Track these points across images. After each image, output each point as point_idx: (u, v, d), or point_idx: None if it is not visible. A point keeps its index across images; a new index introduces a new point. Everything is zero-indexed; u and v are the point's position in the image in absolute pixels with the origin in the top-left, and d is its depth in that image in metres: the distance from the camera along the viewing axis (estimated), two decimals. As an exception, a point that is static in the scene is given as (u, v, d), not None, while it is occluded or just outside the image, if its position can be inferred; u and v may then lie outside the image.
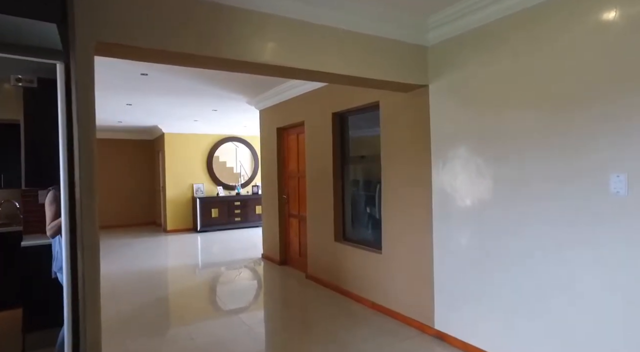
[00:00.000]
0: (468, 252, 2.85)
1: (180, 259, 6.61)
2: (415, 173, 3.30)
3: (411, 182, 3.34)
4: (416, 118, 3.26)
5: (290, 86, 5.03)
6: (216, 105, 6.60)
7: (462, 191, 2.88)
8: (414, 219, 3.33)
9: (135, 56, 2.10)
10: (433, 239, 3.13)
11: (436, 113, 3.06)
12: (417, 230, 3.30)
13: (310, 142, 4.89)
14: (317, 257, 4.78)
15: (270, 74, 2.68)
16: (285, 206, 5.76)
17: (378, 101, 3.69)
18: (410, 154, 3.34)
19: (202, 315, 3.89)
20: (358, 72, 2.73)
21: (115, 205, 9.93)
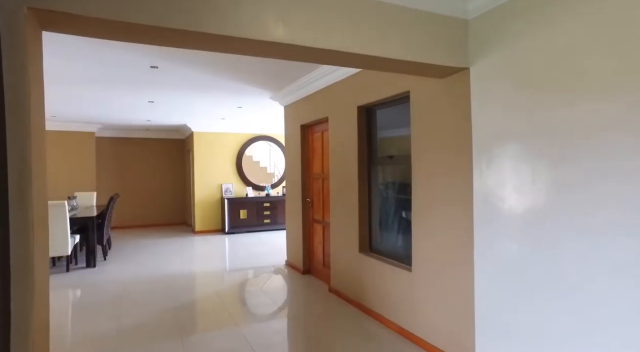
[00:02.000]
0: (520, 273, 2.23)
1: (204, 263, 6.32)
2: (452, 176, 2.70)
3: (447, 186, 2.75)
4: (454, 109, 2.67)
5: (313, 78, 4.55)
6: (240, 102, 6.26)
7: (512, 199, 2.26)
8: (450, 231, 2.74)
9: (91, 31, 1.71)
10: (474, 256, 2.53)
11: (479, 102, 2.46)
12: (453, 245, 2.71)
13: (334, 140, 4.39)
14: (340, 269, 4.27)
15: (270, 54, 2.21)
16: (309, 211, 5.30)
17: (408, 91, 3.13)
18: (446, 152, 2.75)
19: (214, 325, 3.51)
20: (380, 51, 2.20)
21: (148, 205, 9.94)
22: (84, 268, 5.70)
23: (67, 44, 3.39)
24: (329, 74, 4.24)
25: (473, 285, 2.55)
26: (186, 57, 3.85)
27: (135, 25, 1.66)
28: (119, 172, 9.68)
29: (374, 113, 3.85)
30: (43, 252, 1.62)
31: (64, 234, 5.34)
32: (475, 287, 2.53)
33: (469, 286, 2.58)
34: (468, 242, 2.58)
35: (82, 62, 3.93)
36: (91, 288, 4.90)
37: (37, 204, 1.56)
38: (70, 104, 6.20)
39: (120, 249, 7.14)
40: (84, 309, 4.20)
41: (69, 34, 1.75)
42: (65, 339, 3.41)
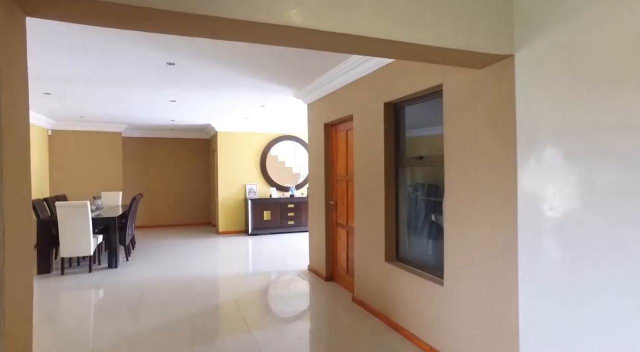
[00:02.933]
0: (576, 294, 1.88)
1: (225, 266, 6.18)
2: (491, 177, 2.37)
3: (486, 189, 2.41)
4: (494, 103, 2.33)
5: (337, 74, 4.27)
6: (262, 100, 6.06)
7: (566, 204, 1.91)
8: (489, 239, 2.40)
9: (79, 13, 1.51)
10: (519, 271, 2.18)
11: (526, 95, 2.11)
12: (493, 255, 2.37)
13: (359, 139, 4.10)
14: (365, 277, 3.97)
15: (288, 42, 1.95)
16: (332, 214, 5.03)
17: (441, 84, 2.80)
18: (484, 151, 2.42)
19: (228, 335, 3.31)
20: (409, 36, 1.90)
21: (173, 204, 9.96)
22: (106, 269, 5.66)
23: (80, 40, 3.27)
24: (353, 69, 3.96)
25: (518, 306, 2.20)
26: (203, 53, 3.67)
27: (135, 9, 1.44)
28: (144, 172, 9.74)
29: (402, 110, 3.53)
30: (21, 268, 1.43)
31: (86, 234, 5.30)
32: (521, 309, 2.19)
33: (511, 302, 2.24)
34: (510, 252, 2.23)
35: (98, 58, 3.82)
36: (110, 290, 4.82)
37: (10, 211, 1.36)
38: (95, 104, 6.20)
39: (144, 249, 7.12)
40: (99, 312, 4.10)
41: (56, 20, 1.56)
42: (69, 344, 3.29)
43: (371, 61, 3.64)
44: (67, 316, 4.10)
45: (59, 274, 5.39)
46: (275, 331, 3.52)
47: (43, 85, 5.00)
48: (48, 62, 3.93)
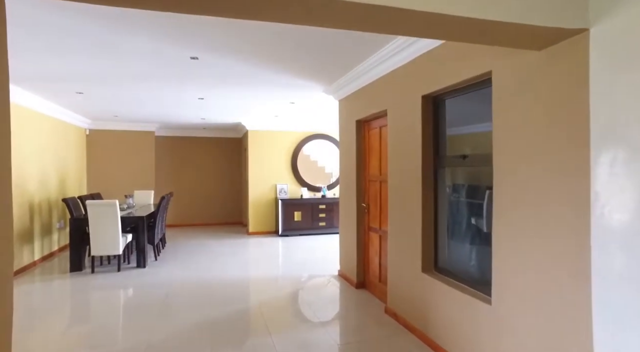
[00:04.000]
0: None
1: (253, 268, 6.00)
2: (555, 181, 1.97)
3: (548, 195, 2.02)
4: (558, 92, 1.94)
5: (370, 66, 3.95)
6: (292, 97, 5.83)
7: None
8: (551, 256, 2.01)
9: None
10: (593, 295, 1.79)
11: (603, 80, 1.71)
12: (556, 276, 1.97)
13: (393, 136, 3.75)
14: (399, 287, 3.63)
15: (324, 19, 1.67)
16: (364, 217, 4.70)
17: (489, 72, 2.42)
18: (545, 150, 2.02)
19: (249, 346, 3.09)
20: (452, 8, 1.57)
21: (205, 203, 9.97)
22: (135, 268, 5.62)
23: (100, 35, 3.15)
24: (387, 59, 3.62)
25: (590, 332, 1.80)
26: (226, 47, 3.47)
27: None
28: (176, 171, 9.80)
29: (441, 104, 3.16)
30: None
31: (115, 233, 5.27)
32: (595, 337, 1.79)
33: (580, 332, 1.84)
34: (580, 270, 1.83)
35: (121, 54, 3.70)
36: (135, 291, 4.75)
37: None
38: (126, 103, 6.20)
39: (174, 248, 7.08)
40: (122, 313, 4.00)
41: None
42: (80, 346, 3.17)
43: (407, 50, 3.29)
44: (90, 316, 4.03)
45: (90, 272, 5.39)
46: (300, 342, 3.25)
47: (74, 85, 5.00)
48: (76, 61, 3.87)
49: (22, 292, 4.68)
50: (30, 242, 5.84)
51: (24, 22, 2.92)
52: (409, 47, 3.25)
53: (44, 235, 6.28)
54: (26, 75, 4.57)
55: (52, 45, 3.46)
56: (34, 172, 5.95)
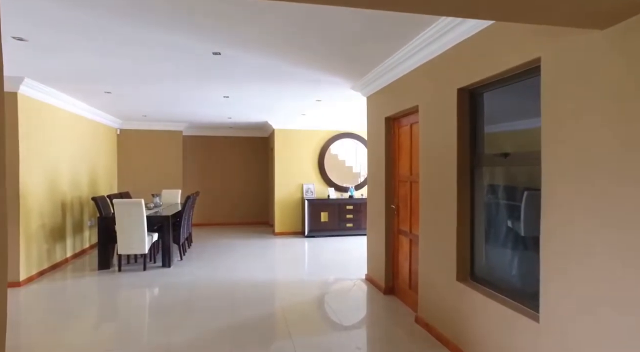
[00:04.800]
0: None
1: (278, 270, 5.87)
2: (623, 179, 1.69)
3: (613, 194, 1.73)
4: (628, 76, 1.65)
5: (400, 59, 3.71)
6: (318, 94, 5.65)
7: None
8: (623, 272, 1.72)
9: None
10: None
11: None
12: (628, 297, 1.69)
13: (425, 134, 3.50)
14: (431, 296, 3.37)
15: None
16: (393, 219, 4.46)
17: (538, 58, 2.14)
18: (611, 146, 1.74)
19: (272, 349, 2.93)
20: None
21: (231, 203, 9.97)
22: (160, 267, 5.61)
23: (120, 30, 3.08)
24: (419, 51, 3.37)
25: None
26: (249, 41, 3.33)
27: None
28: (204, 170, 9.84)
29: (479, 97, 2.89)
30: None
31: (141, 232, 5.27)
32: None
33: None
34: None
35: (142, 50, 3.64)
36: (159, 291, 4.71)
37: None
38: (153, 102, 6.22)
39: (200, 248, 7.06)
40: (143, 314, 3.95)
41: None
42: (100, 346, 3.12)
43: (441, 40, 3.03)
44: (113, 315, 4.00)
45: (117, 270, 5.42)
46: (317, 347, 3.06)
47: (101, 84, 5.03)
48: (101, 59, 3.85)
49: (54, 289, 4.75)
50: (63, 240, 5.95)
51: (51, 21, 2.88)
52: (443, 36, 2.99)
53: (75, 232, 6.40)
54: (57, 76, 4.62)
55: (78, 43, 3.43)
56: (67, 171, 6.07)
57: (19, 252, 4.82)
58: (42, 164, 5.35)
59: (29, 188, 5.02)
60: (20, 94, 4.84)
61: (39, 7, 2.72)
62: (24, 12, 2.79)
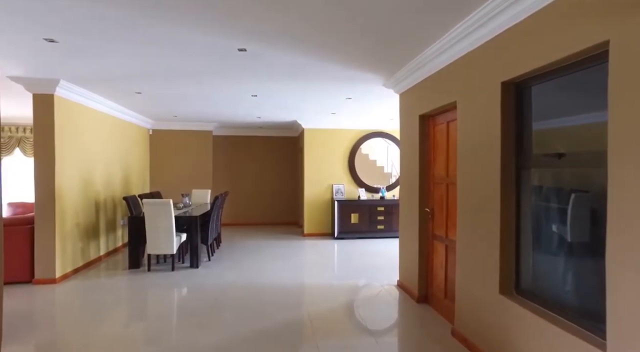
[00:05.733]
0: None
1: (306, 273, 5.72)
2: None
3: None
4: None
5: (437, 51, 3.45)
6: (349, 92, 5.45)
7: None
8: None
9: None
10: None
11: None
12: None
13: (464, 132, 3.23)
14: (470, 308, 3.10)
15: None
16: (428, 223, 4.19)
17: (606, 41, 1.84)
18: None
19: None
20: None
21: (261, 203, 9.93)
22: (188, 268, 5.59)
23: (147, 29, 3.01)
24: (459, 41, 3.10)
25: None
26: (274, 36, 3.18)
27: None
28: (233, 170, 9.85)
29: (527, 91, 2.60)
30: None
31: (169, 232, 5.26)
32: None
33: None
34: None
35: (170, 50, 3.57)
36: (186, 292, 4.67)
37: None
38: (182, 102, 6.22)
39: (228, 248, 7.03)
40: (168, 316, 3.89)
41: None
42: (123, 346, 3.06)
43: (484, 28, 2.76)
44: (139, 316, 3.97)
45: (146, 270, 5.44)
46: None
47: (131, 84, 5.05)
48: (127, 58, 3.83)
49: (87, 287, 4.82)
50: (97, 238, 6.06)
51: (79, 21, 2.85)
52: (487, 23, 2.72)
53: (109, 231, 6.51)
54: (89, 77, 4.66)
55: (106, 43, 3.41)
56: (100, 170, 6.17)
57: (55, 250, 4.91)
58: (77, 164, 5.44)
59: (64, 188, 5.11)
60: (56, 95, 4.93)
61: (67, 7, 2.68)
62: (53, 12, 2.76)
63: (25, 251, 4.87)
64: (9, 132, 8.65)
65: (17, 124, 8.60)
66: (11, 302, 4.17)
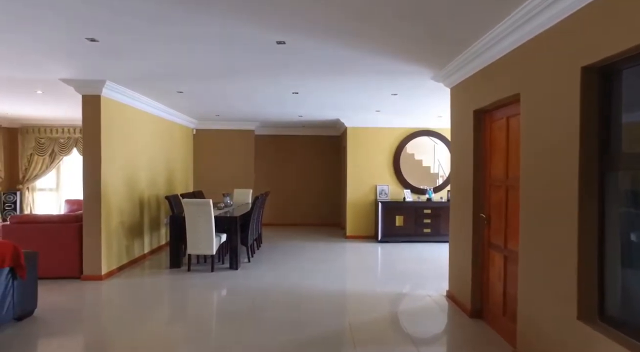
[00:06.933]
0: None
1: (349, 279, 5.46)
2: None
3: None
4: None
5: (497, 36, 3.05)
6: (394, 87, 5.11)
7: None
8: None
9: None
10: None
11: None
12: None
13: (530, 128, 2.81)
14: (536, 332, 2.69)
15: None
16: (483, 230, 3.77)
17: None
18: None
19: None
20: None
21: (302, 203, 9.81)
22: (227, 269, 5.50)
23: (181, 27, 2.87)
24: (526, 23, 2.69)
25: None
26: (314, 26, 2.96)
27: None
28: (275, 169, 9.78)
29: (615, 77, 2.16)
30: None
31: (209, 233, 5.19)
32: None
33: None
34: None
35: (207, 46, 3.44)
36: (224, 295, 4.57)
37: None
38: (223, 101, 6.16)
39: (269, 249, 6.90)
40: (204, 319, 3.77)
41: None
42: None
43: (557, 5, 2.35)
44: (176, 317, 3.89)
45: (186, 270, 5.41)
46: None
47: (172, 83, 5.03)
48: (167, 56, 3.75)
49: (130, 285, 4.90)
50: (141, 237, 6.14)
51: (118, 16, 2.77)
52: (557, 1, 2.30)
53: (152, 230, 6.60)
54: (131, 77, 4.68)
55: (142, 39, 3.33)
56: (145, 169, 6.26)
57: (101, 248, 4.99)
58: (122, 164, 5.52)
59: (110, 187, 5.19)
60: (103, 96, 5.01)
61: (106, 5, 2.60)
62: (90, 8, 2.69)
63: (75, 248, 4.99)
64: (68, 133, 9.08)
65: (75, 126, 9.00)
66: (61, 297, 4.32)
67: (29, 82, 4.98)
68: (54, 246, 4.91)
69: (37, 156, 8.90)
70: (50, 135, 8.94)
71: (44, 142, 8.91)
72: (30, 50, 3.60)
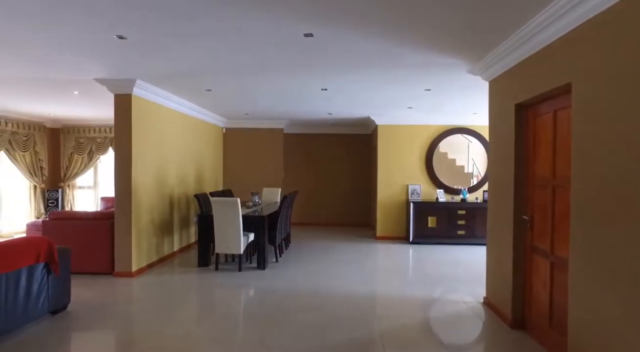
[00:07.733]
0: None
1: (379, 282, 5.26)
2: None
3: None
4: None
5: (545, 22, 2.78)
6: (428, 82, 4.86)
7: None
8: None
9: None
10: None
11: None
12: None
13: (583, 122, 2.54)
14: (596, 346, 2.41)
15: None
16: (525, 233, 3.49)
17: None
18: None
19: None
20: None
21: (332, 202, 9.66)
22: (255, 269, 5.43)
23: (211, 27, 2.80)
24: (576, 6, 2.42)
25: None
26: (344, 16, 2.79)
27: None
28: (304, 168, 9.68)
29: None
30: None
31: (236, 232, 5.14)
32: None
33: None
34: None
35: (233, 41, 3.35)
36: (251, 295, 4.49)
37: None
38: (252, 99, 6.11)
39: (297, 249, 6.80)
40: (230, 319, 3.69)
41: None
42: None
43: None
44: (201, 317, 3.83)
45: (214, 269, 5.39)
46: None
47: (201, 81, 5.01)
48: (192, 52, 3.71)
49: (159, 282, 4.92)
50: (170, 234, 6.19)
51: (144, 10, 2.73)
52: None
53: (182, 228, 6.65)
54: (161, 75, 4.69)
55: (169, 35, 3.29)
56: (175, 168, 6.31)
57: (131, 245, 5.04)
58: (152, 162, 5.57)
59: (140, 185, 5.24)
60: (134, 95, 5.06)
61: (133, 1, 2.56)
62: (119, 8, 2.66)
63: (108, 244, 5.07)
64: (104, 132, 9.35)
65: (110, 126, 9.25)
66: (93, 293, 4.41)
67: (66, 83, 5.10)
68: (88, 242, 5.02)
69: (77, 155, 9.22)
70: (88, 135, 9.23)
71: (82, 141, 9.21)
72: (64, 49, 3.65)
